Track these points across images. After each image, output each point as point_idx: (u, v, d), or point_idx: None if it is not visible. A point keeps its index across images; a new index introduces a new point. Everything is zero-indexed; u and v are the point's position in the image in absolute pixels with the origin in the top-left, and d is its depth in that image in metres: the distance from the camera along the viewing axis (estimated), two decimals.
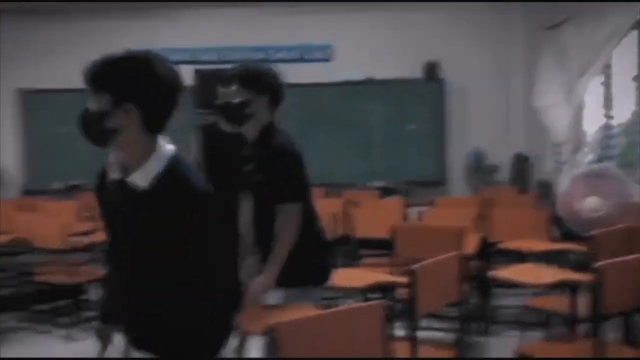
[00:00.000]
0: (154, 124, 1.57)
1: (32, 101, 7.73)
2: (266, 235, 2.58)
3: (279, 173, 2.59)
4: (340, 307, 2.67)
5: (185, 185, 1.56)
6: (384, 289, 3.18)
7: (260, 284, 2.51)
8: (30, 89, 7.65)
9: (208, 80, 7.48)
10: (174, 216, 1.53)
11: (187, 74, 7.39)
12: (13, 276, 5.21)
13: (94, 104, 1.54)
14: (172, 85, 1.58)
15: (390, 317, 3.72)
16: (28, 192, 7.63)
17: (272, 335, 1.85)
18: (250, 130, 2.65)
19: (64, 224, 4.71)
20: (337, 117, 7.67)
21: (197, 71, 7.59)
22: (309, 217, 2.69)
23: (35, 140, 7.78)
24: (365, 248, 4.91)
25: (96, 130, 1.54)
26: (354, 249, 4.90)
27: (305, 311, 2.23)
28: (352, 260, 4.79)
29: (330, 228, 4.75)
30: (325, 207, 5.50)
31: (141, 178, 1.56)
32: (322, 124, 7.67)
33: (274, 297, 2.63)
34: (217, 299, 1.59)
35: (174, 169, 1.57)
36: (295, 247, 2.56)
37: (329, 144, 7.61)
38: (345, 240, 4.95)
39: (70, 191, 7.21)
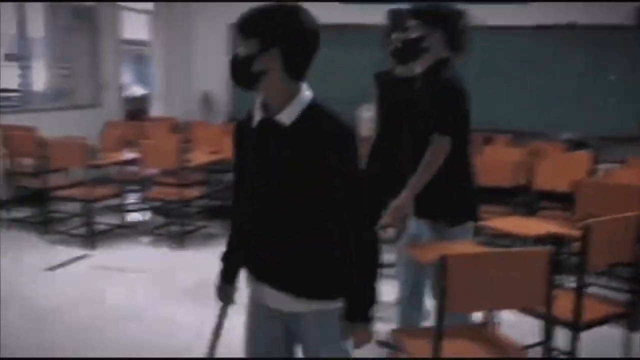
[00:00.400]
0: (296, 69, 1.67)
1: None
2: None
3: (438, 105, 2.68)
4: (509, 249, 2.79)
5: (327, 123, 1.66)
6: (557, 241, 3.21)
7: (397, 202, 2.72)
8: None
9: (401, 19, 7.65)
10: (315, 152, 1.65)
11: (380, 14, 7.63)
12: (221, 190, 6.00)
13: (242, 50, 1.66)
14: (314, 35, 1.67)
15: (560, 268, 3.76)
16: (233, 118, 8.52)
17: (442, 265, 2.08)
18: (422, 64, 2.74)
19: None
20: (531, 63, 7.38)
21: (390, 11, 7.73)
22: (463, 157, 2.77)
23: None
24: (545, 200, 4.86)
25: (244, 73, 1.67)
26: (533, 200, 4.87)
27: (474, 247, 2.41)
28: (530, 211, 4.79)
29: (510, 177, 4.79)
30: (508, 155, 5.49)
31: (286, 116, 1.67)
32: (515, 69, 7.44)
33: (414, 225, 2.86)
34: (350, 242, 1.69)
35: (316, 108, 1.68)
36: (444, 182, 2.67)
37: (519, 90, 7.40)
38: (524, 191, 4.94)
39: None
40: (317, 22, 1.69)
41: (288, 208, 1.71)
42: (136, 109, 9.23)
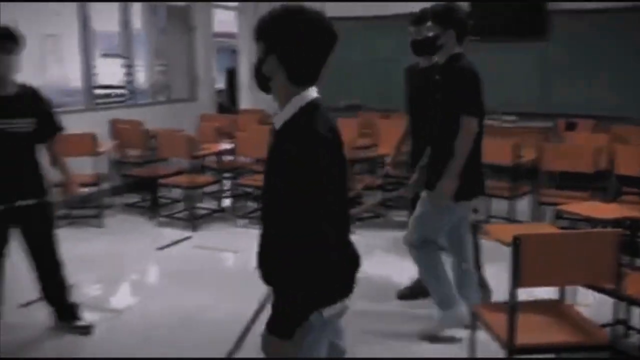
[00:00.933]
0: (296, 76, 1.66)
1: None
2: (443, 148, 3.11)
3: (460, 91, 3.09)
4: (579, 230, 2.97)
5: (290, 133, 1.63)
6: (635, 225, 3.33)
7: (442, 187, 3.06)
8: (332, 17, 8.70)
9: (479, 8, 7.73)
10: (282, 157, 1.62)
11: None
12: None
13: (257, 54, 1.70)
14: (316, 41, 1.64)
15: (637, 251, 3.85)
16: None
17: (516, 244, 2.33)
18: (439, 59, 3.19)
19: (349, 138, 5.58)
20: (621, 47, 7.26)
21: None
22: (477, 137, 3.10)
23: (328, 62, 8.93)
24: (627, 185, 4.91)
25: (255, 77, 1.72)
26: (614, 185, 4.93)
27: (546, 228, 2.63)
28: (611, 196, 4.85)
29: (592, 162, 4.86)
30: (590, 141, 5.53)
31: (277, 120, 1.70)
32: (604, 53, 7.34)
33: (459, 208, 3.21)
34: (311, 249, 1.58)
35: (300, 115, 1.65)
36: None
37: (603, 74, 7.31)
38: (606, 176, 5.00)
39: (351, 110, 8.24)
40: (325, 23, 1.66)
41: (265, 209, 1.78)
42: (227, 100, 9.82)
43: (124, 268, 4.65)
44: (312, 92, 1.69)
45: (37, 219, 3.33)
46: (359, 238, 1.99)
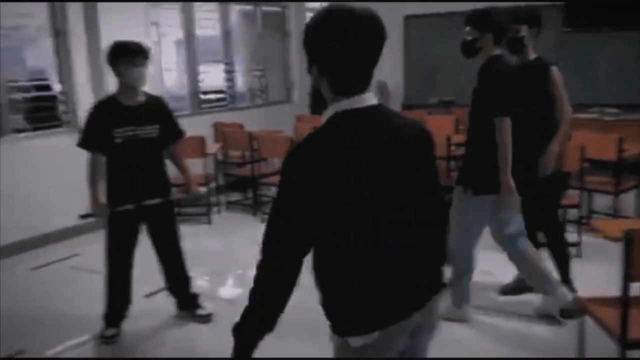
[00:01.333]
0: (338, 85, 1.50)
1: (415, 25, 8.88)
2: (474, 148, 3.36)
3: (488, 92, 3.24)
4: None
5: (294, 146, 1.52)
6: None
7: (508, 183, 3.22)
8: (414, 14, 8.77)
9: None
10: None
11: None
12: None
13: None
14: (359, 46, 1.46)
15: None
16: (406, 106, 8.95)
17: (628, 239, 2.35)
18: (480, 60, 3.34)
19: (444, 134, 5.64)
20: None
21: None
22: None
23: (414, 60, 9.00)
24: None
25: (310, 92, 1.61)
26: None
27: None
28: None
29: None
30: None
31: None
32: None
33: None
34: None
35: (325, 127, 1.52)
36: (479, 156, 3.30)
37: None
38: None
39: (443, 106, 8.25)
40: (370, 23, 1.48)
41: None
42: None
43: (232, 262, 4.95)
44: (356, 101, 1.50)
45: (162, 216, 3.66)
46: None
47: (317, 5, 9.25)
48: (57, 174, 5.43)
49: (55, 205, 5.47)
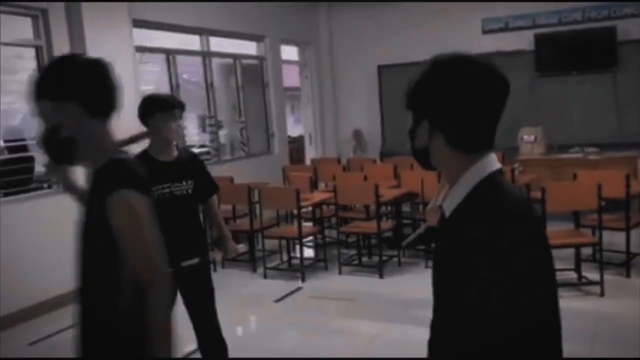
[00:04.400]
0: (457, 141, 1.28)
1: (387, 74, 9.02)
2: None
3: None
4: None
5: (480, 212, 1.23)
6: None
7: None
8: (386, 64, 8.93)
9: (547, 43, 7.88)
10: (465, 253, 1.22)
11: (527, 39, 7.93)
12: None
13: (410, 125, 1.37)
14: (482, 97, 1.27)
15: None
16: (385, 153, 8.97)
17: None
18: None
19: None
20: None
21: (536, 35, 7.99)
22: None
23: (389, 108, 9.11)
24: None
25: (413, 153, 1.38)
26: None
27: None
28: None
29: None
30: None
31: (447, 205, 1.32)
32: None
33: None
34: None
35: (479, 192, 1.25)
36: None
37: None
38: None
39: None
40: (492, 73, 1.27)
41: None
42: (294, 150, 10.04)
43: (248, 324, 4.71)
44: (492, 161, 1.29)
45: (199, 278, 3.43)
46: None
47: (290, 57, 9.34)
48: (53, 236, 5.08)
49: (50, 270, 5.09)
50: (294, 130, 11.83)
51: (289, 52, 9.37)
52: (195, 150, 7.31)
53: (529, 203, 1.29)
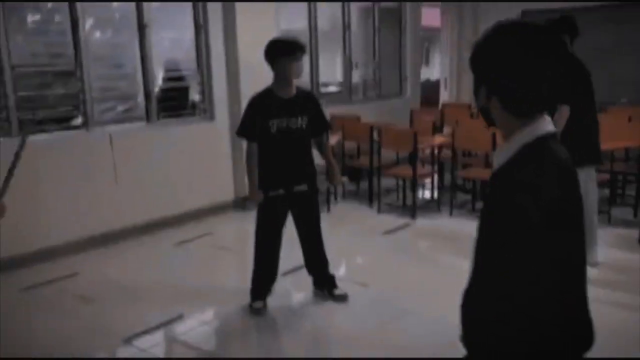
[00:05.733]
0: (511, 106, 1.45)
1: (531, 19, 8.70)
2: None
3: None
4: None
5: (517, 172, 1.41)
6: None
7: None
8: (529, 10, 8.62)
9: None
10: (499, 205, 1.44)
11: None
12: None
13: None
14: (534, 64, 1.41)
15: None
16: None
17: None
18: None
19: None
20: None
21: None
22: (585, 116, 4.14)
23: None
24: None
25: (479, 111, 1.56)
26: None
27: None
28: None
29: None
30: None
31: (496, 160, 1.50)
32: None
33: None
34: None
35: (522, 155, 1.43)
36: (572, 136, 3.49)
37: None
38: None
39: None
40: (546, 41, 1.43)
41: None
42: (429, 94, 10.16)
43: (356, 249, 5.19)
44: (542, 125, 1.46)
45: (308, 202, 3.93)
46: None
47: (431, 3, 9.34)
48: (195, 158, 5.88)
49: (191, 186, 5.92)
50: (424, 73, 11.82)
51: None
52: (332, 88, 7.82)
53: (569, 165, 1.46)
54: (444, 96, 9.88)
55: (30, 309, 4.13)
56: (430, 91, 10.86)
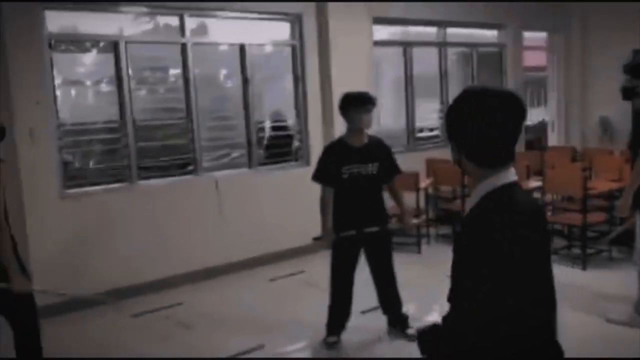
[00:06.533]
0: (473, 159, 1.66)
1: None
2: None
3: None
4: None
5: (481, 217, 1.61)
6: None
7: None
8: None
9: None
10: (469, 246, 1.63)
11: None
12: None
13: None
14: (494, 121, 1.60)
15: None
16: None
17: None
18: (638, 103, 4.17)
19: None
20: None
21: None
22: None
23: None
24: None
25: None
26: None
27: None
28: None
29: None
30: None
31: (468, 203, 1.72)
32: None
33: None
34: None
35: (487, 202, 1.62)
36: None
37: None
38: None
39: None
40: (509, 101, 1.64)
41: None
42: (535, 138, 9.98)
43: (439, 291, 5.27)
44: (506, 175, 1.65)
45: (379, 243, 4.18)
46: None
47: (531, 43, 9.29)
48: (291, 201, 6.32)
49: (287, 227, 6.34)
50: (538, 114, 11.60)
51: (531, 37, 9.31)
52: (426, 134, 8.02)
53: (537, 206, 1.69)
54: (551, 139, 9.66)
55: (136, 333, 4.69)
56: (539, 132, 10.63)
